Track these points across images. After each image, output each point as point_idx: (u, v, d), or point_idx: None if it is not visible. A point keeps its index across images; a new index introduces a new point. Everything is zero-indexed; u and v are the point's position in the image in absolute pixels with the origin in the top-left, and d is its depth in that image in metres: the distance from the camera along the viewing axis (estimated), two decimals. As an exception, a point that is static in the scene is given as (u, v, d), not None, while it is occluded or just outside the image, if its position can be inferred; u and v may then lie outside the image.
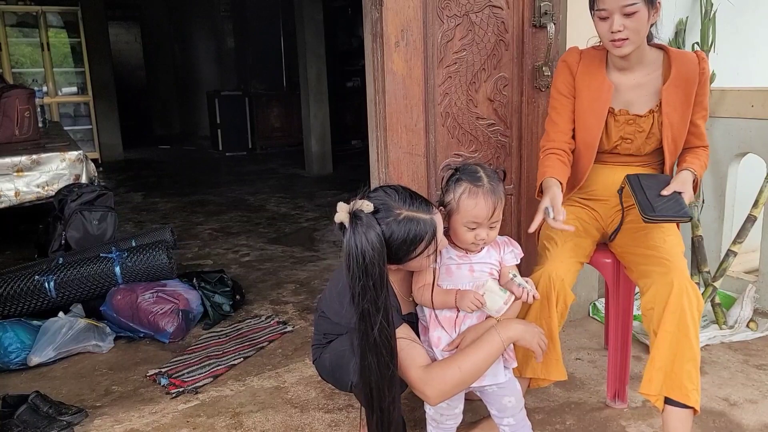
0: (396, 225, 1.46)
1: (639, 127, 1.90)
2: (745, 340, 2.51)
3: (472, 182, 1.58)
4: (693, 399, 1.69)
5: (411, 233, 1.47)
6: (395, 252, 1.48)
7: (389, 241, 1.45)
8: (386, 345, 1.43)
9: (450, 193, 1.61)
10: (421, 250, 1.50)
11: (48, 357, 2.46)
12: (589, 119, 1.93)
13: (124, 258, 2.89)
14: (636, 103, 1.90)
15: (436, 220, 1.51)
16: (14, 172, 3.46)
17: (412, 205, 1.50)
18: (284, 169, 7.47)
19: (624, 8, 1.72)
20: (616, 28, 1.74)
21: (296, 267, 3.68)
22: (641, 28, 1.76)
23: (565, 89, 1.96)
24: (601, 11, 1.77)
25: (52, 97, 7.36)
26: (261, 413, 2.08)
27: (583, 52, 1.98)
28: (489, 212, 1.56)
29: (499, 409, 1.69)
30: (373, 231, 1.39)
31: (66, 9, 7.38)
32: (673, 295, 1.66)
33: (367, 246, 1.38)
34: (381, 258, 1.40)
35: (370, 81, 2.19)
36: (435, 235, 1.50)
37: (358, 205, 1.43)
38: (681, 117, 1.88)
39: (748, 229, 2.53)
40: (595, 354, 2.44)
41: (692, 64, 1.86)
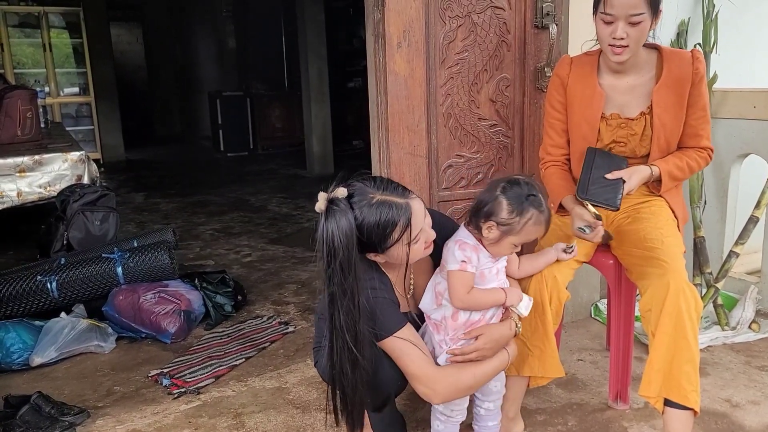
0: (368, 209, 1.46)
1: (631, 130, 1.89)
2: (747, 342, 2.51)
3: (538, 208, 1.57)
4: (692, 400, 1.69)
5: (383, 217, 1.46)
6: (369, 237, 1.47)
7: (362, 226, 1.45)
8: (350, 329, 1.45)
9: (514, 214, 1.56)
10: (397, 236, 1.47)
11: (50, 357, 2.46)
12: (582, 128, 1.93)
13: (126, 258, 2.89)
14: (628, 106, 1.90)
15: (412, 206, 1.49)
16: (17, 172, 3.46)
17: (387, 190, 1.49)
18: (285, 169, 7.48)
19: (631, 17, 1.72)
20: (619, 35, 1.74)
21: (297, 267, 3.68)
22: (642, 38, 1.77)
23: (556, 104, 1.98)
24: (606, 15, 1.75)
25: (54, 98, 7.36)
26: (263, 414, 2.08)
27: (574, 60, 1.97)
28: (543, 234, 1.64)
29: (484, 393, 1.74)
30: (344, 217, 1.41)
31: (68, 9, 7.38)
32: (670, 297, 1.66)
33: (336, 231, 1.40)
34: (349, 242, 1.41)
35: (372, 82, 2.19)
36: (410, 221, 1.47)
37: (333, 193, 1.45)
38: (674, 118, 1.87)
39: (750, 230, 2.53)
40: (597, 355, 2.44)
41: (685, 64, 1.85)
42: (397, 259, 1.54)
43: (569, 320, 2.70)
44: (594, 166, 1.85)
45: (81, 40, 7.49)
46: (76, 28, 7.50)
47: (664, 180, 1.86)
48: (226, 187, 6.38)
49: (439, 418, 1.73)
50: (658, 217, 1.90)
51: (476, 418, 1.79)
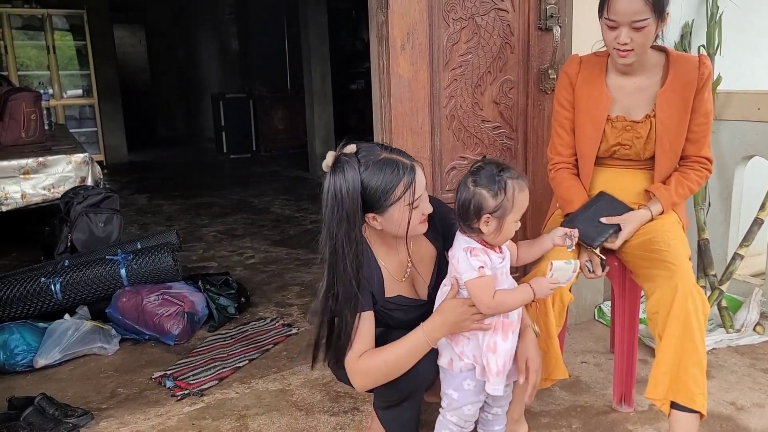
0: (374, 164, 1.48)
1: (636, 133, 1.90)
2: (751, 344, 2.50)
3: (513, 178, 1.54)
4: (699, 403, 1.68)
5: (388, 173, 1.48)
6: (373, 192, 1.48)
7: (367, 181, 1.47)
8: (356, 276, 1.50)
9: (499, 195, 1.52)
10: (398, 195, 1.48)
11: (54, 359, 2.47)
12: (587, 129, 1.94)
13: (129, 260, 2.89)
14: (634, 108, 1.91)
15: (416, 168, 1.51)
16: (21, 174, 3.47)
17: (394, 152, 1.53)
18: (288, 171, 7.49)
19: (634, 23, 1.73)
20: (623, 41, 1.75)
21: (301, 269, 3.68)
22: (647, 41, 1.78)
23: (565, 102, 1.98)
24: (609, 21, 1.76)
25: (57, 100, 7.39)
26: (266, 416, 2.08)
27: (584, 59, 1.98)
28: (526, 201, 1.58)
29: (495, 399, 1.70)
30: (351, 169, 1.45)
31: (72, 12, 7.42)
32: (678, 299, 1.66)
33: (343, 182, 1.45)
34: (356, 192, 1.45)
35: (376, 84, 2.20)
36: (414, 181, 1.49)
37: (342, 149, 1.49)
38: (678, 123, 1.87)
39: (754, 233, 2.52)
40: (601, 357, 2.43)
41: (692, 68, 1.86)
42: (395, 223, 1.53)
43: (573, 322, 2.69)
44: (596, 205, 1.89)
45: (84, 42, 7.52)
46: (79, 30, 7.53)
47: (666, 211, 1.91)
48: (229, 189, 6.39)
49: (450, 428, 1.70)
50: (664, 221, 1.90)
51: (482, 422, 1.77)
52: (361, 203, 1.48)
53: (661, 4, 1.74)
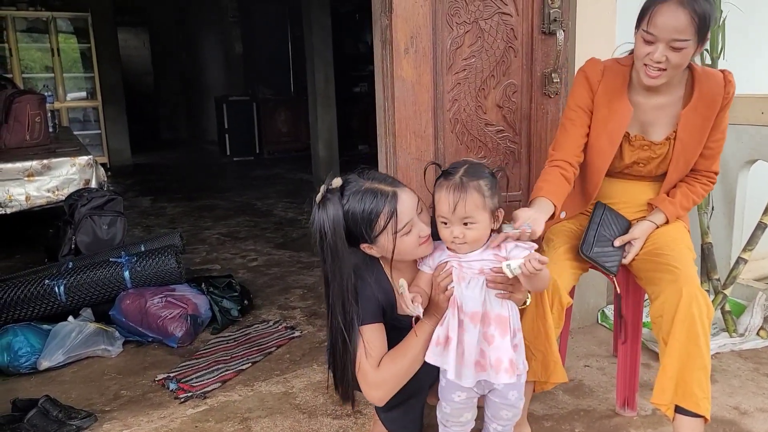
0: (355, 196, 1.50)
1: (654, 153, 1.86)
2: (755, 348, 2.50)
3: (445, 176, 1.54)
4: (703, 407, 1.68)
5: (369, 204, 1.49)
6: (356, 224, 1.50)
7: (349, 213, 1.50)
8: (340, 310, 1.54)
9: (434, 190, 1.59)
10: (383, 223, 1.49)
11: (58, 361, 2.47)
12: (602, 142, 1.87)
13: (133, 263, 2.90)
14: (654, 127, 1.85)
15: (399, 194, 1.50)
16: (25, 176, 3.48)
17: (377, 180, 1.54)
18: (291, 174, 7.50)
19: (673, 42, 1.62)
20: (657, 59, 1.65)
21: (303, 272, 3.68)
22: (683, 64, 1.68)
23: (583, 103, 1.88)
24: (647, 34, 1.65)
25: (61, 102, 7.41)
26: (269, 419, 2.08)
27: (606, 66, 1.87)
28: (451, 207, 1.50)
29: (494, 415, 1.69)
30: (333, 206, 1.49)
31: (76, 15, 7.44)
32: (683, 304, 1.65)
33: (325, 218, 1.49)
34: (337, 228, 1.49)
35: (380, 87, 2.20)
36: (396, 208, 1.49)
37: (330, 183, 1.53)
38: (697, 142, 1.84)
39: (758, 237, 2.52)
40: (604, 361, 2.43)
41: (717, 86, 1.78)
42: (388, 251, 1.54)
43: (576, 326, 2.69)
44: (601, 222, 1.90)
45: (88, 44, 7.55)
46: (83, 33, 7.55)
47: (671, 221, 1.91)
48: (233, 192, 6.40)
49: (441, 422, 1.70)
50: (668, 225, 1.90)
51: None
52: (350, 235, 1.52)
53: (705, 27, 1.63)
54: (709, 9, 1.62)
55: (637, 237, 1.88)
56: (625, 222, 1.94)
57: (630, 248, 1.89)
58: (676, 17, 1.60)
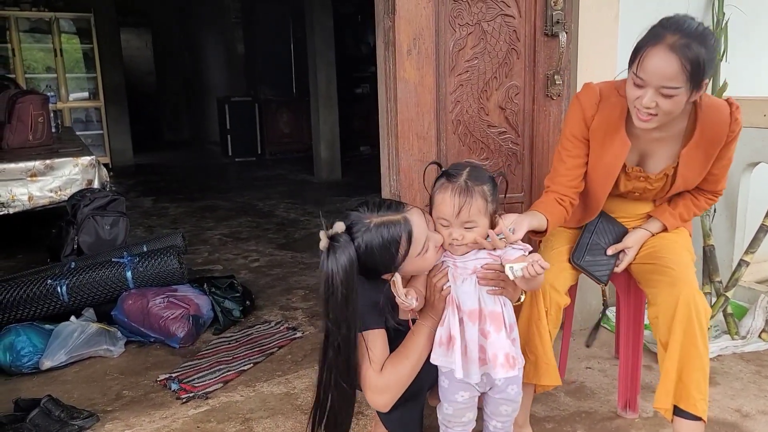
0: (368, 234, 1.46)
1: (650, 185, 1.83)
2: (757, 351, 2.49)
3: (448, 178, 1.54)
4: (700, 409, 1.68)
5: (385, 237, 1.46)
6: (380, 260, 1.48)
7: (367, 252, 1.46)
8: (340, 364, 1.51)
9: (433, 187, 1.59)
10: (404, 251, 1.48)
11: (60, 361, 2.48)
12: (599, 175, 1.82)
13: (135, 263, 2.90)
14: (652, 158, 1.79)
15: (410, 218, 1.49)
16: (28, 176, 3.49)
17: (381, 210, 1.50)
18: (293, 175, 7.50)
19: (663, 89, 1.53)
20: (646, 104, 1.56)
21: (305, 273, 3.69)
22: (674, 111, 1.58)
23: (579, 133, 1.80)
24: (637, 78, 1.56)
25: (64, 102, 7.43)
26: (271, 419, 2.08)
27: (603, 96, 1.75)
28: (453, 211, 1.50)
29: (493, 412, 1.70)
30: (344, 253, 1.42)
31: (79, 15, 7.46)
32: (680, 307, 1.65)
33: (336, 268, 1.41)
34: (348, 278, 1.42)
35: (382, 89, 2.20)
36: (411, 232, 1.47)
37: (332, 229, 1.46)
38: (698, 174, 1.79)
39: (760, 239, 2.52)
40: (606, 363, 2.43)
41: (722, 122, 1.69)
42: (411, 271, 1.57)
43: (578, 328, 2.69)
44: (596, 230, 1.90)
45: (91, 45, 7.56)
46: (86, 33, 7.57)
47: (669, 231, 1.89)
48: (234, 192, 6.40)
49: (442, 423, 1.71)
50: (666, 231, 1.91)
51: None
52: (369, 271, 1.49)
53: (699, 75, 1.51)
54: (704, 54, 1.49)
55: (630, 246, 1.88)
56: (621, 229, 1.93)
57: (623, 257, 1.89)
58: (666, 63, 1.50)
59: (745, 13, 2.82)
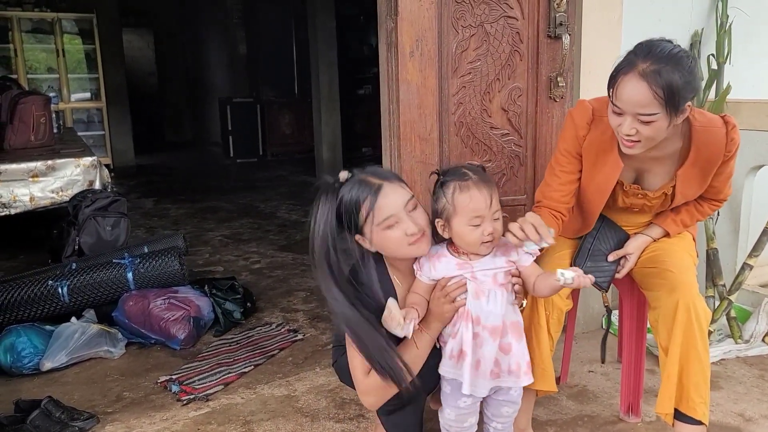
0: (347, 186, 1.52)
1: (649, 201, 1.82)
2: (760, 355, 2.48)
3: (458, 179, 1.53)
4: (700, 412, 1.67)
5: (354, 194, 1.50)
6: (346, 214, 1.52)
7: (341, 203, 1.52)
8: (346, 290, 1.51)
9: (441, 198, 1.54)
10: (364, 215, 1.50)
11: (60, 362, 2.47)
12: (591, 192, 1.81)
13: (136, 264, 2.90)
14: (649, 176, 1.77)
15: (384, 187, 1.50)
16: (29, 177, 3.49)
17: (372, 173, 1.54)
18: (295, 176, 7.50)
19: (639, 116, 1.51)
20: (626, 131, 1.54)
21: (307, 275, 3.68)
22: (657, 136, 1.56)
23: (573, 149, 1.79)
24: (614, 106, 1.55)
25: (66, 103, 7.43)
26: (271, 422, 2.08)
27: (596, 115, 1.73)
28: (487, 201, 1.50)
29: (494, 414, 1.69)
30: (328, 199, 1.51)
31: (81, 16, 7.46)
32: (680, 311, 1.65)
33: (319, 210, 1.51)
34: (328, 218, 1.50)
35: (384, 90, 2.20)
36: (376, 199, 1.48)
37: (339, 175, 1.55)
38: (697, 190, 1.78)
39: (764, 243, 2.51)
40: (609, 367, 2.42)
41: (717, 144, 1.66)
42: (377, 245, 1.55)
43: (580, 331, 2.68)
44: (597, 235, 1.89)
45: (93, 45, 7.57)
46: (88, 34, 7.57)
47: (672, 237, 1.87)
48: (236, 194, 6.40)
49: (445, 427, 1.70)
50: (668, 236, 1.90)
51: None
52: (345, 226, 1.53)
53: (674, 100, 1.48)
54: (677, 79, 1.46)
55: (631, 252, 1.87)
56: (622, 234, 1.92)
57: (625, 263, 1.88)
58: (638, 91, 1.48)
59: (748, 15, 2.81)
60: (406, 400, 1.63)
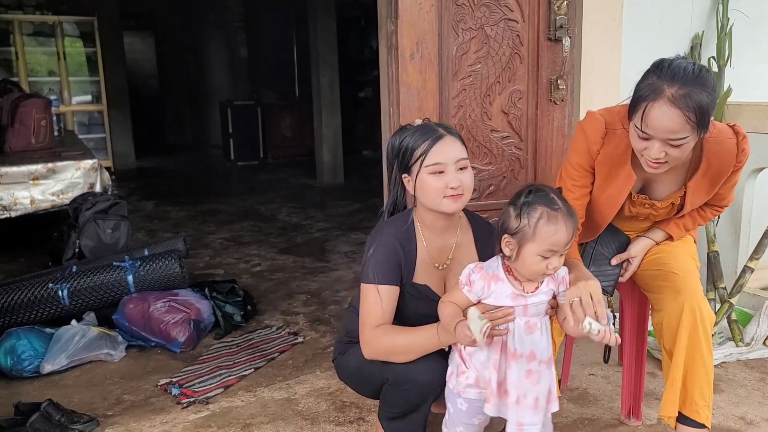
0: (415, 129, 1.62)
1: (655, 211, 1.82)
2: (761, 358, 2.48)
3: (548, 206, 1.41)
4: (703, 415, 1.67)
5: (417, 136, 1.59)
6: (401, 151, 1.62)
7: (404, 140, 1.62)
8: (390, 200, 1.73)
9: (522, 218, 1.41)
10: (418, 155, 1.57)
11: (60, 365, 2.47)
12: (601, 204, 1.80)
13: (136, 267, 2.90)
14: (657, 186, 1.77)
15: (444, 137, 1.57)
16: (30, 180, 3.49)
17: (441, 125, 1.63)
18: (295, 178, 7.49)
19: (670, 140, 1.49)
20: (655, 156, 1.52)
21: (307, 277, 3.68)
22: (684, 155, 1.55)
23: (586, 163, 1.76)
24: (641, 132, 1.51)
25: (67, 106, 7.44)
26: (271, 425, 2.07)
27: (608, 128, 1.70)
28: (569, 237, 1.41)
29: None
30: (398, 133, 1.66)
31: (82, 19, 7.47)
32: (686, 314, 1.65)
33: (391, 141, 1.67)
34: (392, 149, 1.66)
35: (385, 93, 2.20)
36: (432, 145, 1.55)
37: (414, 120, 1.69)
38: (704, 198, 1.78)
39: (765, 245, 2.50)
40: (609, 370, 2.41)
41: (728, 155, 1.66)
42: (416, 187, 1.60)
43: (580, 334, 2.67)
44: (599, 241, 1.88)
45: (94, 48, 7.56)
46: (89, 37, 7.58)
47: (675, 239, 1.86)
48: (237, 196, 6.40)
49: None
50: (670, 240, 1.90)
51: None
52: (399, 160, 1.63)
53: (704, 120, 1.47)
54: (705, 98, 1.45)
55: (634, 255, 1.87)
56: (623, 238, 1.92)
57: (628, 266, 1.88)
58: (670, 119, 1.45)
59: (749, 17, 2.81)
60: (411, 408, 1.63)
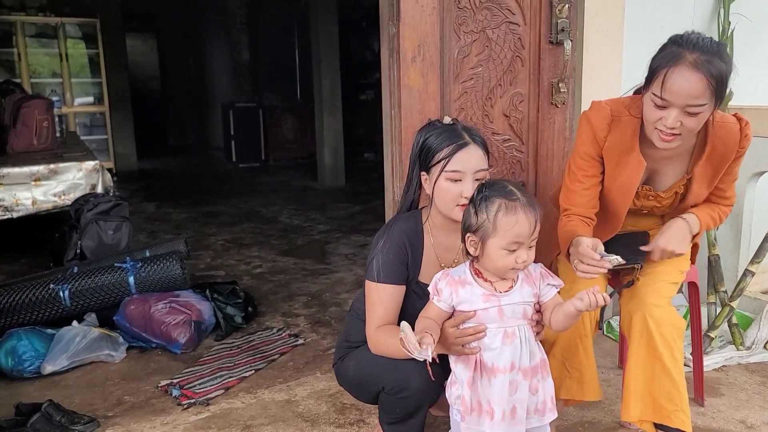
0: (443, 129, 1.62)
1: (659, 203, 1.82)
2: (762, 362, 2.48)
3: (505, 197, 1.41)
4: (677, 420, 1.66)
5: (441, 136, 1.60)
6: (424, 149, 1.62)
7: (429, 139, 1.62)
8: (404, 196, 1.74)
9: (480, 214, 1.42)
10: (440, 158, 1.57)
11: (61, 365, 2.47)
12: (615, 194, 1.79)
13: (138, 268, 2.90)
14: (660, 177, 1.78)
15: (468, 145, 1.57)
16: (32, 181, 3.50)
17: (468, 130, 1.62)
18: (297, 181, 7.50)
19: (689, 107, 1.50)
20: (671, 125, 1.52)
21: (308, 279, 3.68)
22: (698, 127, 1.56)
23: (593, 152, 1.76)
24: (660, 99, 1.52)
25: (69, 107, 7.45)
26: (272, 426, 2.07)
27: (614, 117, 1.72)
28: (531, 228, 1.40)
29: None
30: (424, 129, 1.66)
31: (85, 20, 7.49)
32: (635, 323, 1.65)
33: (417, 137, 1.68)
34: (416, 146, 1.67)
35: (386, 95, 2.20)
36: (456, 150, 1.55)
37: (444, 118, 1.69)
38: (707, 189, 1.78)
39: (765, 249, 2.50)
40: (610, 373, 2.41)
41: (731, 141, 1.68)
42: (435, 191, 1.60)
43: (581, 337, 2.67)
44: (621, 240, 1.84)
45: (97, 50, 7.59)
46: (92, 38, 7.60)
47: (702, 229, 1.80)
48: (238, 198, 6.40)
49: None
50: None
51: None
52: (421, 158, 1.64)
53: (722, 90, 1.51)
54: (725, 68, 1.49)
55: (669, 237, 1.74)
56: (644, 235, 1.88)
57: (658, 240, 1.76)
58: (692, 83, 1.47)
59: (751, 21, 2.81)
60: (410, 412, 1.64)
